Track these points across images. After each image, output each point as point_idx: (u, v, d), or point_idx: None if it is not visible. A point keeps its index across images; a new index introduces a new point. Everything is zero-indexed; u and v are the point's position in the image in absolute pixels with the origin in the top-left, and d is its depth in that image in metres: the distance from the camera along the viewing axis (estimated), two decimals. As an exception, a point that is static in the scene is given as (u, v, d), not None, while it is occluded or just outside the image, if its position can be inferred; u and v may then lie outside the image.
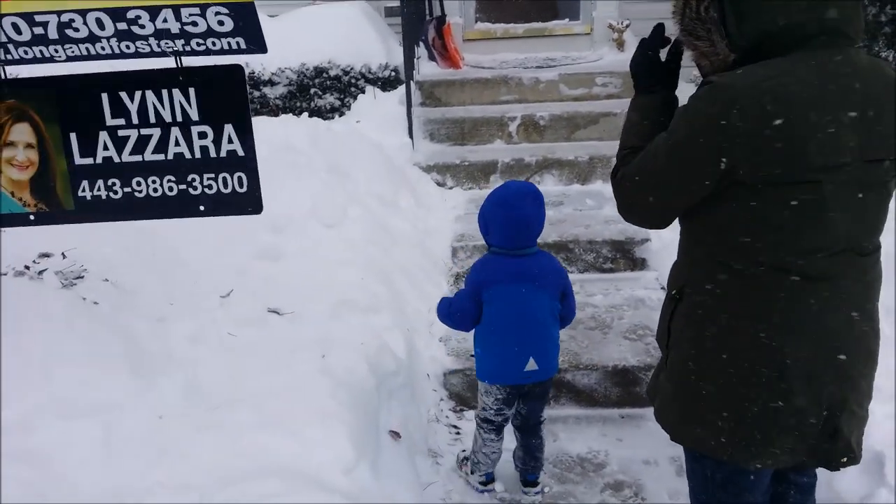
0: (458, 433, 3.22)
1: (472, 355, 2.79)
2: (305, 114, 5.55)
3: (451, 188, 5.10)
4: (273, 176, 3.96)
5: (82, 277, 2.88)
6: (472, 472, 2.91)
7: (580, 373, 3.38)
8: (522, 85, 5.71)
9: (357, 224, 3.98)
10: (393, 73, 5.87)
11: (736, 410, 1.70)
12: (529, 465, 2.84)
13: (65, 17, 2.10)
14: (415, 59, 5.80)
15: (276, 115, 5.65)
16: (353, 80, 5.82)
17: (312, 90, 5.79)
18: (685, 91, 1.73)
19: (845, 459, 1.77)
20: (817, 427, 1.70)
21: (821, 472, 2.13)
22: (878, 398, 2.56)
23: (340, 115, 5.80)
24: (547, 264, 2.66)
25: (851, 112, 1.54)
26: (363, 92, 5.81)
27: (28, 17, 2.09)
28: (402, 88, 5.57)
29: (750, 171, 1.55)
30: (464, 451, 3.04)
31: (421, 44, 6.09)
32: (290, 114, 5.49)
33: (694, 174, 1.62)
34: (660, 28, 1.94)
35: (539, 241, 4.13)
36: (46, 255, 2.97)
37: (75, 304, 2.70)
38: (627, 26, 6.15)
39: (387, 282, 3.66)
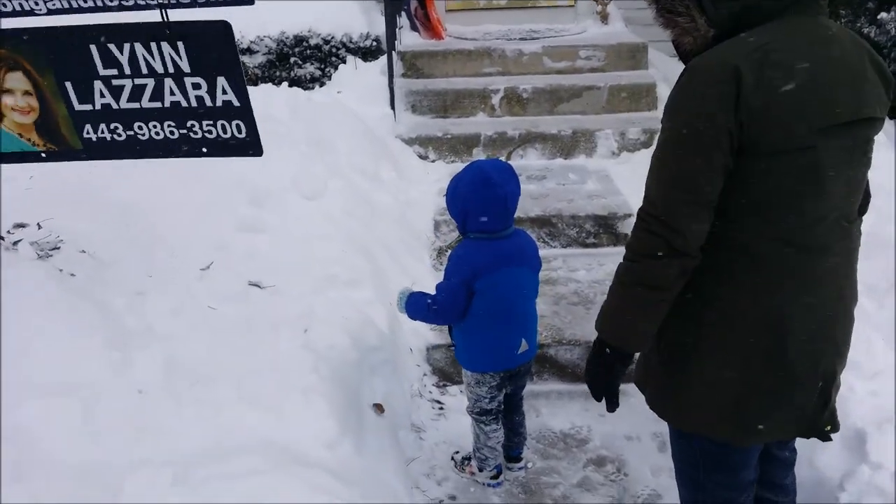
0: (441, 408, 3.21)
1: (452, 346, 2.70)
2: (285, 83, 5.44)
3: (433, 161, 5.05)
4: (253, 147, 3.90)
5: (58, 248, 2.81)
6: (480, 470, 2.79)
7: (563, 348, 3.38)
8: (506, 57, 5.64)
9: (338, 197, 3.92)
10: (374, 43, 5.76)
11: (737, 388, 1.71)
12: (513, 440, 2.83)
13: None
14: (397, 30, 5.70)
15: (256, 84, 5.54)
16: (333, 50, 5.71)
17: (292, 59, 5.67)
18: (671, 67, 1.70)
19: (829, 428, 1.80)
20: (814, 398, 1.72)
21: (802, 449, 2.16)
22: (860, 375, 2.61)
23: (321, 86, 5.69)
24: (530, 243, 2.60)
25: (840, 72, 1.56)
26: (344, 62, 5.70)
27: None
28: (383, 59, 5.47)
29: (752, 141, 1.54)
30: (457, 452, 2.94)
31: (403, 13, 5.99)
32: (270, 83, 5.39)
33: (712, 150, 1.56)
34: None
35: (522, 215, 4.17)
36: (21, 226, 2.89)
37: (51, 276, 2.63)
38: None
39: (368, 255, 3.62)
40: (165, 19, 2.14)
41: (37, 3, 2.11)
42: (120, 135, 2.35)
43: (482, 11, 6.50)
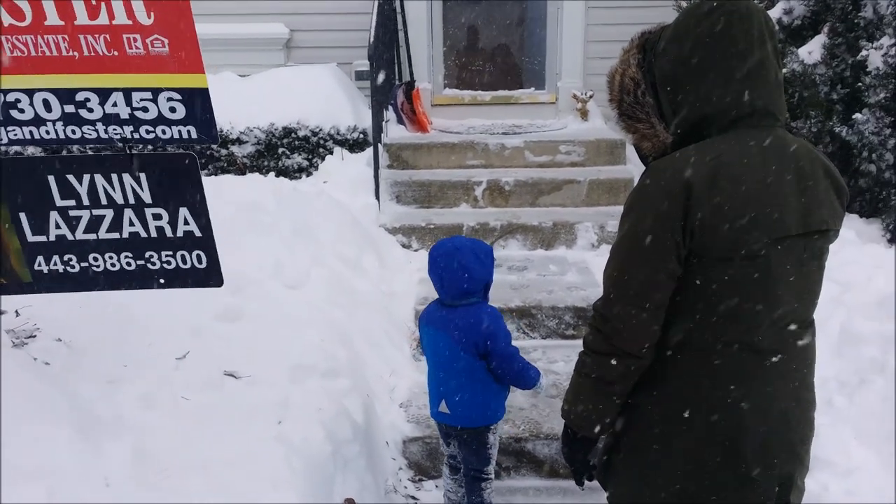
0: None
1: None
2: (272, 173, 5.56)
3: (416, 250, 5.12)
4: (237, 236, 3.95)
5: (34, 336, 2.81)
6: None
7: (540, 442, 3.35)
8: (489, 150, 5.80)
9: (320, 285, 3.95)
10: (361, 136, 5.93)
11: (693, 489, 1.70)
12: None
13: (11, 97, 2.02)
14: (383, 123, 5.88)
15: (244, 173, 5.66)
16: (321, 142, 5.86)
17: (280, 150, 5.81)
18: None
19: None
20: (771, 502, 1.70)
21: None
22: (834, 473, 2.60)
23: (308, 175, 5.82)
24: (467, 320, 2.69)
25: (792, 185, 1.61)
26: (331, 153, 5.85)
27: None
28: (369, 150, 5.62)
29: (704, 248, 1.58)
30: None
31: (390, 107, 6.18)
32: (258, 172, 5.50)
33: (660, 258, 1.61)
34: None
35: (502, 305, 4.22)
36: (-2, 313, 2.90)
37: (25, 365, 2.62)
38: (591, 97, 6.32)
39: (348, 345, 3.62)
40: (128, 152, 2.14)
41: None
42: (73, 266, 2.30)
43: (467, 106, 6.73)
